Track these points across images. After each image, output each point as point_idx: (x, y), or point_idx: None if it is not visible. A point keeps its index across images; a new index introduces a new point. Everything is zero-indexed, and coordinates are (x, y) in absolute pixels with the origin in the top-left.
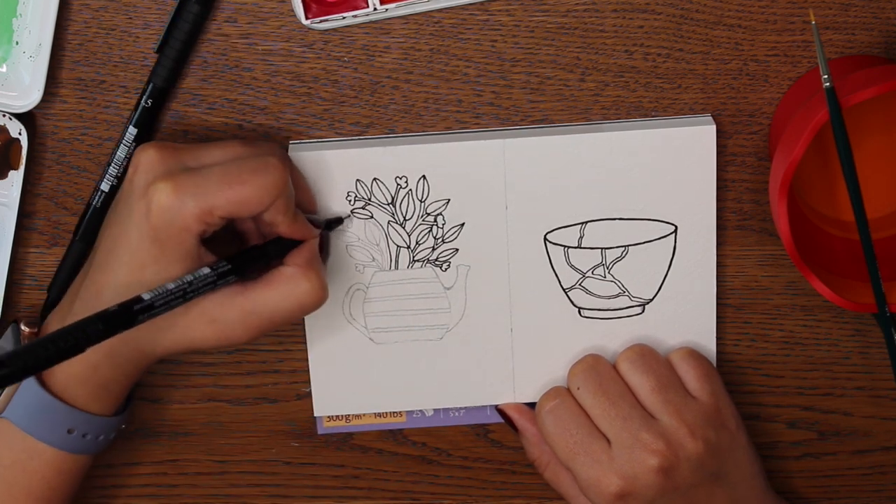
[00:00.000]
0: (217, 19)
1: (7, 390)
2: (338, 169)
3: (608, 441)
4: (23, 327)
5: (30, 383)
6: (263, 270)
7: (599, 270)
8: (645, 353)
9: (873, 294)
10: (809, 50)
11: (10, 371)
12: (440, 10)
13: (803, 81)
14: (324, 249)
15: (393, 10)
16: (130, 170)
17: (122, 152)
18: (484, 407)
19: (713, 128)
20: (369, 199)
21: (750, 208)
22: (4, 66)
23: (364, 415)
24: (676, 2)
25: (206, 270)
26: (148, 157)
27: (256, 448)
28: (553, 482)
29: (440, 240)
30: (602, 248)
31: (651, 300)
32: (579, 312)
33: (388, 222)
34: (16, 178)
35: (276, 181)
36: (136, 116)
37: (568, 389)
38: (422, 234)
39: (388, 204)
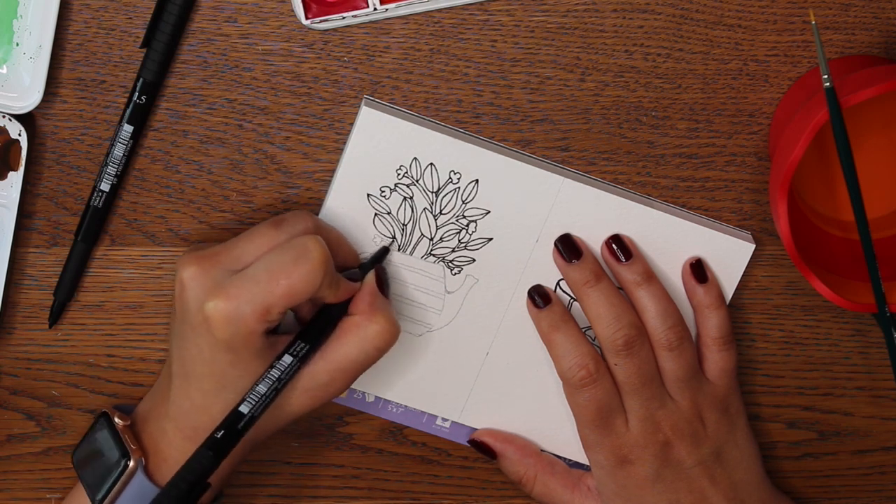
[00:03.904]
0: (217, 19)
1: (115, 487)
2: (402, 140)
3: (625, 410)
4: (116, 420)
5: (142, 481)
6: (333, 329)
7: None
8: (682, 342)
9: (873, 294)
10: (809, 50)
11: None
12: (440, 10)
13: (803, 81)
14: (383, 283)
15: (393, 10)
16: (177, 288)
17: (118, 150)
18: (421, 413)
19: (752, 246)
20: (416, 181)
21: (750, 208)
22: (5, 67)
23: None
24: (676, 2)
25: (289, 360)
26: (190, 274)
27: (257, 448)
28: (544, 495)
29: (463, 245)
30: None
31: None
32: None
33: (424, 209)
34: (15, 179)
35: (319, 264)
36: (128, 113)
37: (602, 357)
38: (449, 232)
39: (432, 192)
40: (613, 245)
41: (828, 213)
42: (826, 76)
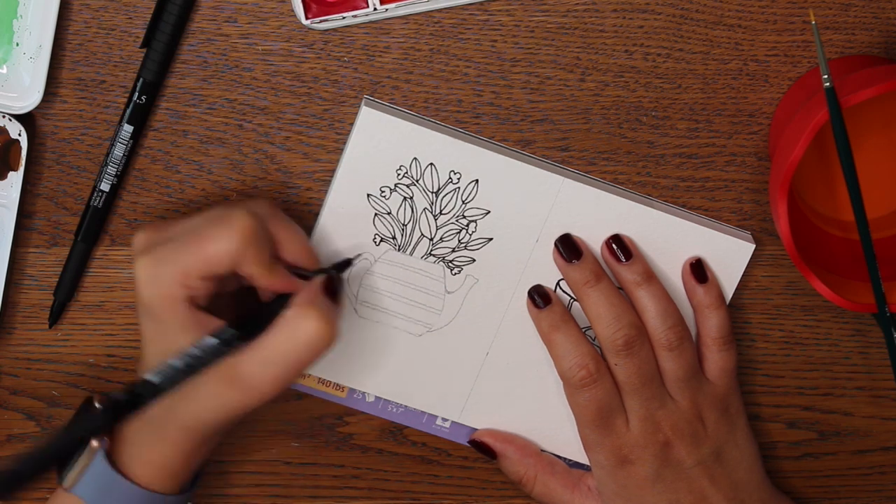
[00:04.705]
0: (217, 19)
1: (78, 466)
2: (402, 140)
3: (625, 410)
4: (96, 404)
5: (101, 462)
6: (270, 322)
7: None
8: (682, 342)
9: (873, 294)
10: (809, 50)
11: (24, 469)
12: (440, 10)
13: (803, 81)
14: (336, 293)
15: (393, 10)
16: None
17: (118, 151)
18: (421, 413)
19: (752, 246)
20: (416, 181)
21: (750, 208)
22: (5, 67)
23: (309, 375)
24: (676, 2)
25: (212, 341)
26: (137, 239)
27: (256, 448)
28: (544, 495)
29: (463, 245)
30: None
31: None
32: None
33: (424, 209)
34: (15, 179)
35: (238, 230)
36: (128, 113)
37: (602, 357)
38: (449, 232)
39: (433, 192)
40: (613, 245)
41: (828, 213)
42: (826, 76)
